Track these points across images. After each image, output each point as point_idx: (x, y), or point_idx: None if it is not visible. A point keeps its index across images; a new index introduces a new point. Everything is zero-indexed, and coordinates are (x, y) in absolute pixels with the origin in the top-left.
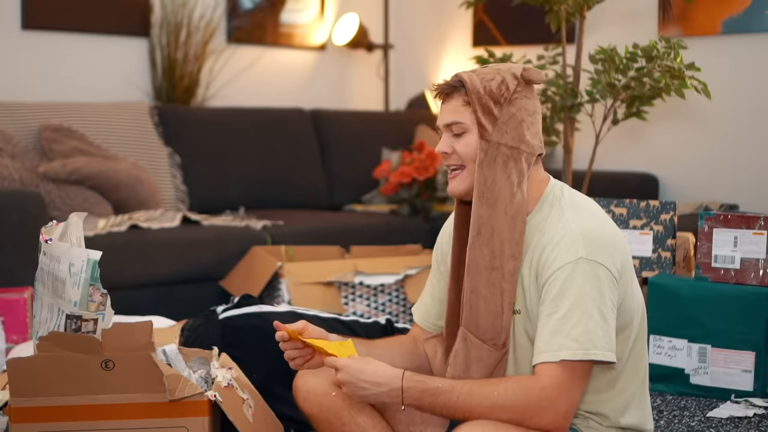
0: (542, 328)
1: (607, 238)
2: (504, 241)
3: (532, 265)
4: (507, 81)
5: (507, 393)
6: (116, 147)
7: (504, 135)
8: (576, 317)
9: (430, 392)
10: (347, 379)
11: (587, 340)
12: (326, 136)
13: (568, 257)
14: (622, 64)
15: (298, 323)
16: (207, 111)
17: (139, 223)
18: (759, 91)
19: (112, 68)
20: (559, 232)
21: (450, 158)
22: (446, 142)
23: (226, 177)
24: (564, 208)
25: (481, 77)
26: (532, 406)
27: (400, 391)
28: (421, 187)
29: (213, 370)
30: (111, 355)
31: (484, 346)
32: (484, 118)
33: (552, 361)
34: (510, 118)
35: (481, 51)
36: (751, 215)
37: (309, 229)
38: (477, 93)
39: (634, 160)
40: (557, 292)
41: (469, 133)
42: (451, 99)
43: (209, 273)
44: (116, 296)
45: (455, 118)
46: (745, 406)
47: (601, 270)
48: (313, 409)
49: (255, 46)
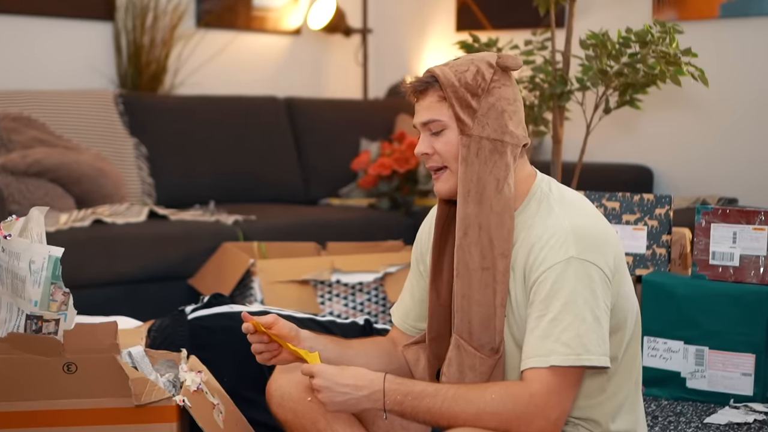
0: (531, 332)
1: (599, 236)
2: (493, 239)
3: (519, 264)
4: (482, 70)
5: (494, 399)
6: (79, 137)
7: (485, 128)
8: (567, 320)
9: (413, 396)
10: (325, 385)
11: (579, 345)
12: (301, 126)
13: (558, 256)
14: (614, 49)
15: (268, 317)
16: (175, 99)
17: (103, 217)
18: (759, 79)
19: (74, 54)
20: (548, 230)
21: (431, 159)
22: (425, 142)
23: (195, 169)
24: (553, 204)
25: (455, 69)
26: (521, 414)
27: (381, 394)
28: (402, 179)
29: (181, 373)
30: (73, 357)
31: (477, 354)
32: (462, 112)
33: (542, 366)
34: (489, 109)
35: (465, 36)
36: (750, 210)
37: (283, 225)
38: (452, 86)
39: (628, 151)
40: (547, 294)
41: (448, 130)
42: (425, 96)
43: (177, 271)
44: (79, 295)
45: (432, 116)
46: (745, 411)
47: (594, 269)
48: (288, 415)
49: (226, 31)
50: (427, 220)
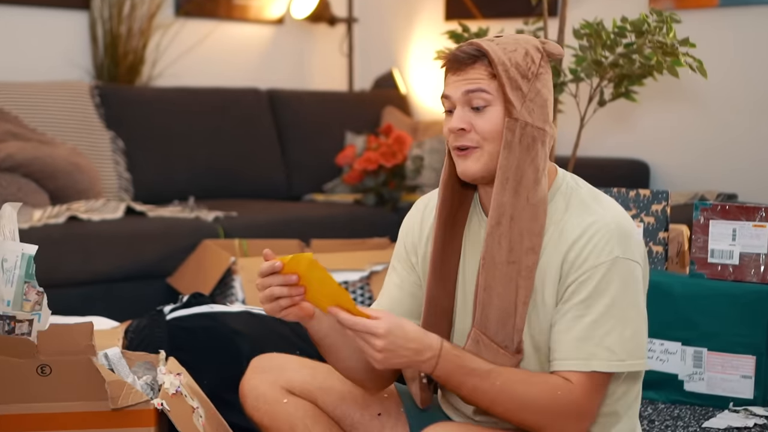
0: (565, 332)
1: (635, 232)
2: (523, 232)
3: (553, 262)
4: (531, 53)
5: (539, 397)
6: (53, 131)
7: (531, 114)
8: (610, 323)
9: (465, 371)
10: (388, 347)
11: (623, 350)
12: (284, 119)
13: (603, 256)
14: (609, 39)
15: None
16: (153, 91)
17: (79, 214)
18: (760, 70)
19: (48, 44)
20: (590, 228)
21: (466, 137)
22: (463, 117)
23: (174, 164)
24: (587, 200)
25: (502, 47)
26: (559, 415)
27: (435, 361)
28: (389, 174)
29: (160, 375)
30: (47, 359)
31: (499, 350)
32: (512, 93)
33: (582, 370)
34: (537, 94)
35: (454, 25)
36: (751, 206)
37: (265, 221)
38: (503, 64)
39: (623, 145)
40: (589, 294)
41: (492, 108)
42: (469, 70)
43: (155, 269)
44: (53, 295)
45: (480, 86)
46: (745, 415)
47: (637, 268)
48: (263, 418)
49: (206, 20)
50: (417, 209)
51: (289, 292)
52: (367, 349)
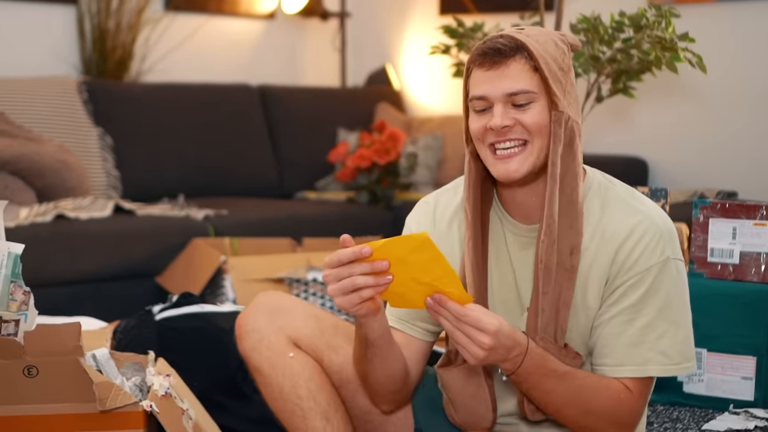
0: (619, 336)
1: (675, 230)
2: (568, 232)
3: (597, 264)
4: (560, 45)
5: (605, 403)
6: (40, 127)
7: (570, 107)
8: (663, 327)
9: (543, 372)
10: (494, 346)
11: (677, 353)
12: (276, 115)
13: (654, 258)
14: (606, 34)
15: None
16: (142, 87)
17: (66, 212)
18: (760, 65)
19: (35, 39)
20: (638, 228)
21: (511, 132)
22: (506, 114)
23: (164, 161)
24: (625, 198)
25: (535, 39)
26: (620, 420)
27: (522, 358)
28: (382, 172)
29: (149, 377)
30: (34, 360)
31: (569, 355)
32: (555, 85)
33: (639, 376)
34: (572, 87)
35: (449, 20)
36: (751, 204)
37: (256, 220)
38: (542, 57)
39: (621, 142)
40: (640, 298)
41: (536, 104)
42: (508, 64)
43: (144, 268)
44: (40, 294)
45: (523, 86)
46: (745, 417)
47: (683, 267)
48: (264, 364)
49: (196, 14)
50: (425, 212)
51: (376, 281)
52: (467, 344)
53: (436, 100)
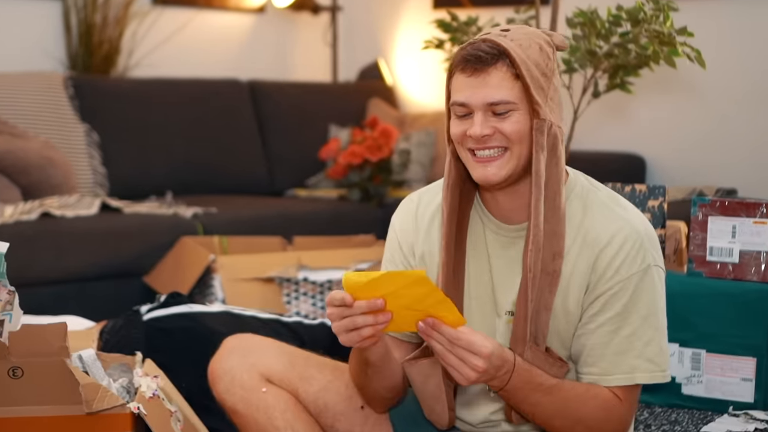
0: (605, 346)
1: (656, 236)
2: (548, 237)
3: (578, 270)
4: (545, 49)
5: (594, 413)
6: (25, 123)
7: (553, 112)
8: (648, 334)
9: (531, 386)
10: (487, 369)
11: (663, 360)
12: (265, 111)
13: (636, 265)
14: (603, 28)
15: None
16: (129, 82)
17: (52, 210)
18: (760, 60)
19: (20, 33)
20: (620, 233)
21: (491, 140)
22: (486, 122)
23: (151, 158)
24: (607, 202)
25: (518, 44)
26: (611, 429)
27: (509, 375)
28: (374, 169)
29: (136, 378)
30: (19, 361)
31: (555, 363)
32: (536, 92)
33: (626, 384)
34: (555, 92)
35: (443, 14)
36: (751, 201)
37: (246, 217)
38: (525, 64)
39: (618, 138)
40: (624, 306)
41: (517, 112)
42: (489, 71)
43: (132, 268)
44: (25, 294)
45: (503, 96)
46: (745, 419)
47: (663, 274)
48: (238, 404)
49: (184, 8)
50: (408, 209)
51: (375, 320)
52: (460, 367)
53: (430, 95)
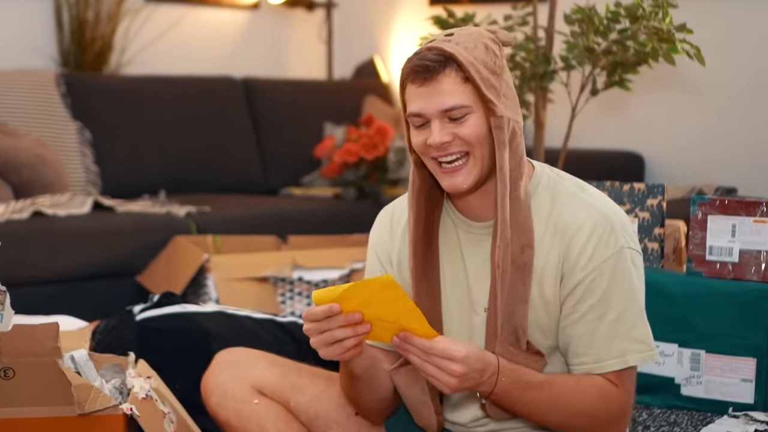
0: (593, 333)
1: (627, 219)
2: (519, 230)
3: (550, 261)
4: (491, 47)
5: (591, 403)
6: (17, 121)
7: (507, 108)
8: (633, 316)
9: (521, 385)
10: (464, 372)
11: (650, 340)
12: (260, 109)
13: (609, 250)
14: (602, 25)
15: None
16: (122, 80)
17: (44, 209)
18: (760, 57)
19: (11, 30)
20: (589, 219)
21: (451, 146)
22: (443, 130)
23: (144, 156)
24: (573, 190)
25: (463, 47)
26: (610, 417)
27: (496, 378)
28: (370, 167)
29: (129, 379)
30: (10, 362)
31: (530, 357)
32: (488, 92)
33: (620, 368)
34: (507, 88)
35: (439, 10)
36: (751, 200)
37: (240, 216)
38: (473, 65)
39: (616, 136)
40: (604, 291)
41: (472, 115)
42: (438, 79)
43: (124, 267)
44: (17, 294)
45: (456, 102)
46: (745, 420)
47: (638, 257)
48: (230, 416)
49: (177, 5)
50: (383, 220)
51: (354, 332)
52: (439, 375)
53: None
